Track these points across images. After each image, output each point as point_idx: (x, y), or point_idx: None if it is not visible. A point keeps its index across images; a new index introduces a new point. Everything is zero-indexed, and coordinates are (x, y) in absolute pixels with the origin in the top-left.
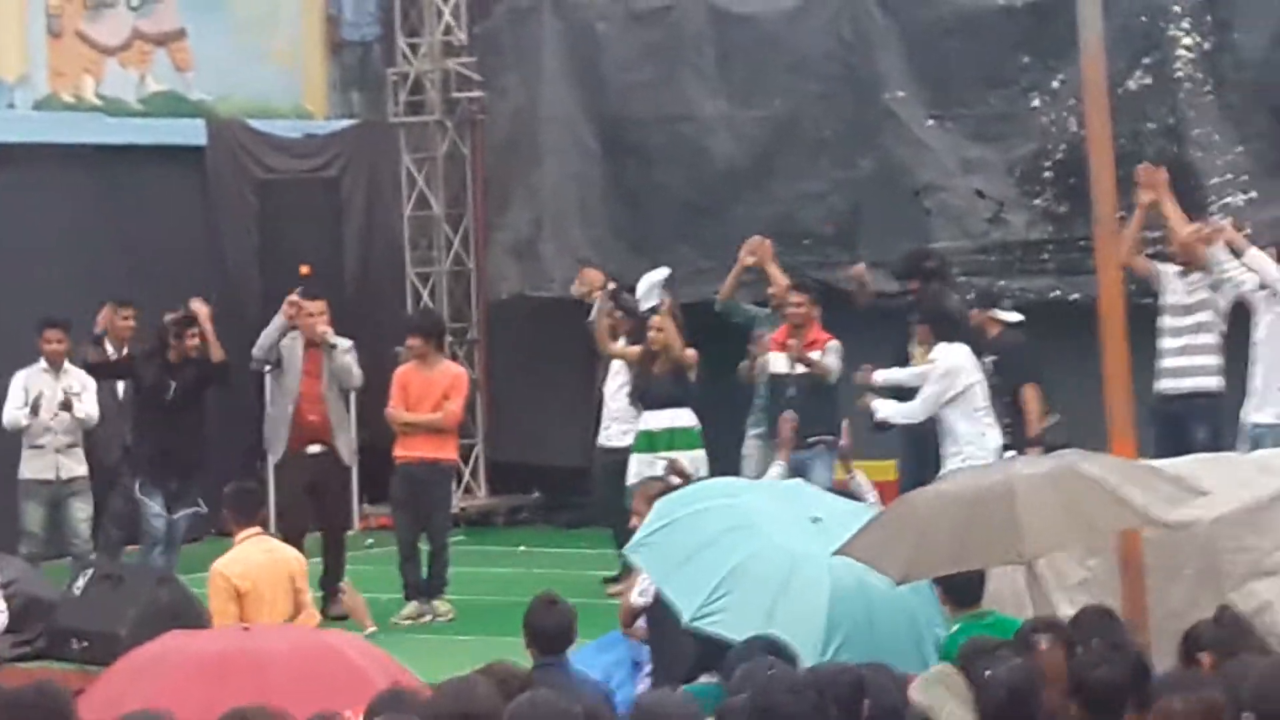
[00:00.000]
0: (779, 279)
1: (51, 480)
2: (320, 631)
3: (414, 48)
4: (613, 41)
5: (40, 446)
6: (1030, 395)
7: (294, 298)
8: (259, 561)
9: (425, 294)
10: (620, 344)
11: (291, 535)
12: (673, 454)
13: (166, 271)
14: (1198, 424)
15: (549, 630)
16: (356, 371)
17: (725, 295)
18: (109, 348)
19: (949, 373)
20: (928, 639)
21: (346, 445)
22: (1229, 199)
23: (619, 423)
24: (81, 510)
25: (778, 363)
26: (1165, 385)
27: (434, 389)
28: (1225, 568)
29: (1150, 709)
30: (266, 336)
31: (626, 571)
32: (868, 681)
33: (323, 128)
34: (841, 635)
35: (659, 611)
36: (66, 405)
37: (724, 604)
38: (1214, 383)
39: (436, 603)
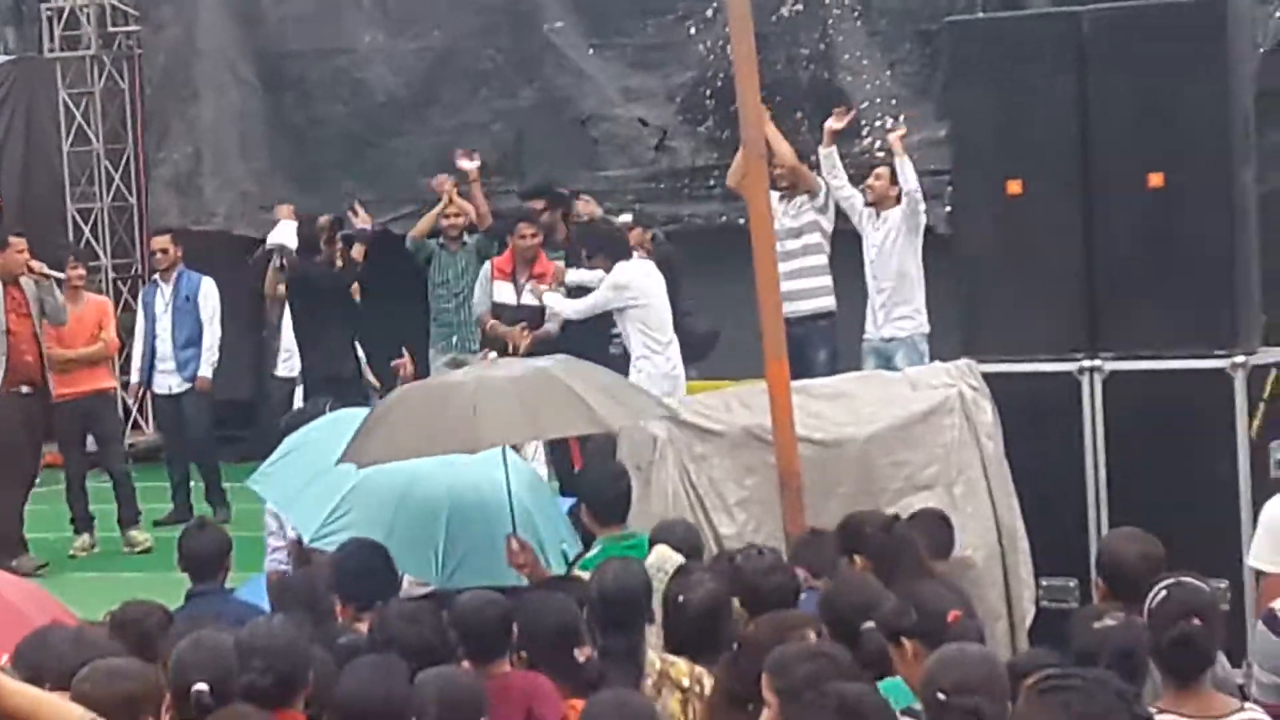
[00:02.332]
0: (466, 207)
1: None
2: None
3: None
4: None
5: None
6: None
7: None
8: None
9: (86, 230)
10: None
11: (15, 477)
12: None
13: None
14: (818, 346)
15: (200, 555)
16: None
17: (420, 234)
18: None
19: (619, 286)
20: (554, 557)
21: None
22: (879, 122)
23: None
24: None
25: (502, 292)
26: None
27: (86, 322)
28: (880, 483)
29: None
30: None
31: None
32: (523, 608)
33: None
34: (459, 554)
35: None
36: None
37: (344, 522)
38: (830, 303)
39: (133, 533)
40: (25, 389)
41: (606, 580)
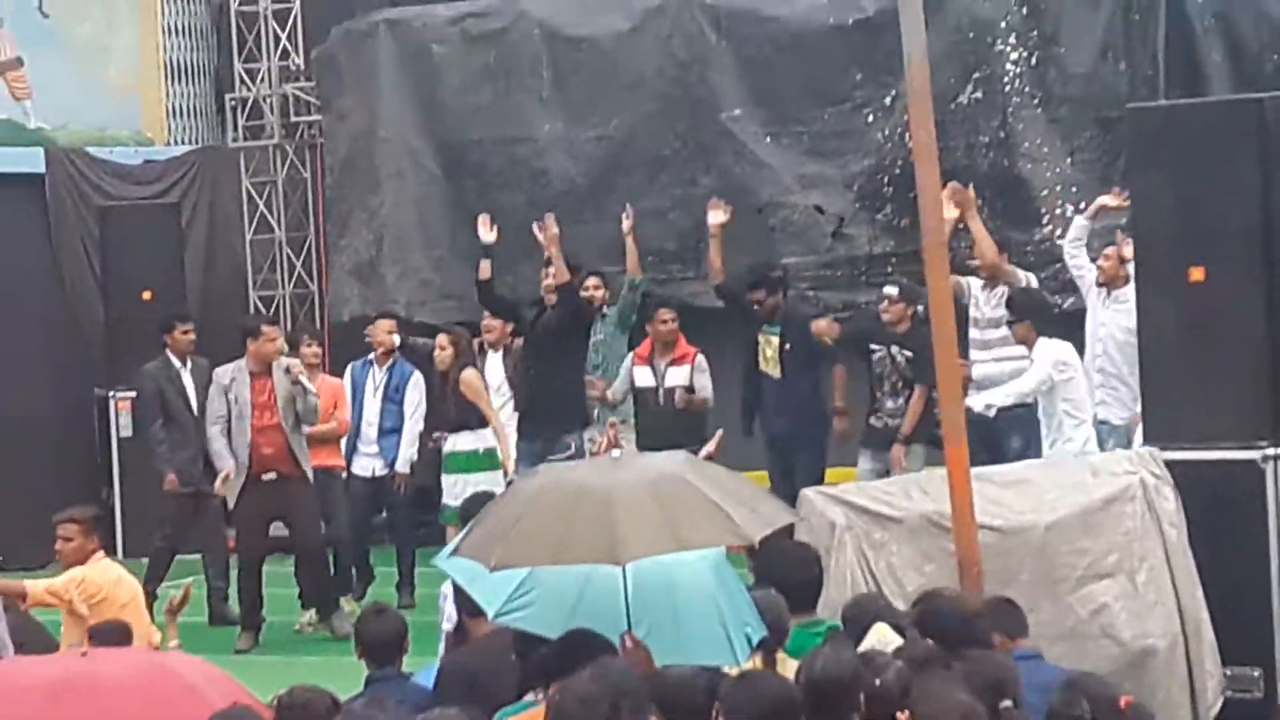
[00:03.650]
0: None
1: None
2: (157, 654)
3: (251, 73)
4: (449, 63)
5: None
6: (921, 395)
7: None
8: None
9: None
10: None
11: (252, 560)
12: (475, 475)
13: (8, 299)
14: (1014, 435)
15: (378, 640)
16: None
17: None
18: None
19: (1061, 361)
20: (737, 639)
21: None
22: (1059, 210)
23: None
24: None
25: (643, 376)
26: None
27: (321, 401)
28: (1061, 571)
29: None
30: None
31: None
32: (742, 686)
33: (162, 154)
34: (643, 630)
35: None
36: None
37: (529, 599)
38: None
39: (342, 602)
40: (267, 476)
41: (815, 669)
